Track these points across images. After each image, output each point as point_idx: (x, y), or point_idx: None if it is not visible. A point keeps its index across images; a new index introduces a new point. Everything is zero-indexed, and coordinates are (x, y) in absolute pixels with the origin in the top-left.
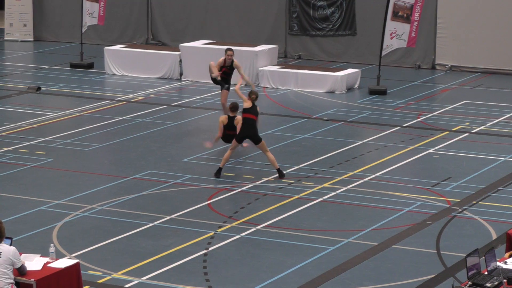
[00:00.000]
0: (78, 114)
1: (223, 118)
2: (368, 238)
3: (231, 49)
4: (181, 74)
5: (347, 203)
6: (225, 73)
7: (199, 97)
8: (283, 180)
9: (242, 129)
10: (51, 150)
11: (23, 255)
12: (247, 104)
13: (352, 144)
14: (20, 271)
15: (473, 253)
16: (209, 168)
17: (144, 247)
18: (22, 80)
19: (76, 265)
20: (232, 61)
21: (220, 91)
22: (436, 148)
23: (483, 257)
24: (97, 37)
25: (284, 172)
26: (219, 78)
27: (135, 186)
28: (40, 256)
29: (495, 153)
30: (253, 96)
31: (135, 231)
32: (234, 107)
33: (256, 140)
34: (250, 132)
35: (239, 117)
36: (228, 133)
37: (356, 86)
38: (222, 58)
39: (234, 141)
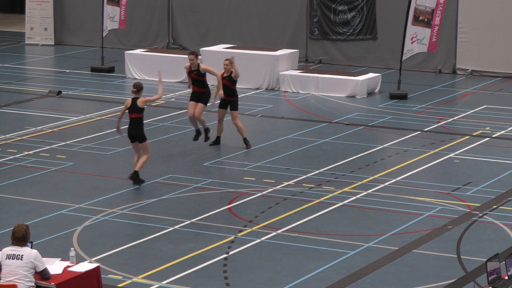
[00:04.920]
0: (99, 118)
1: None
2: (389, 242)
3: (193, 53)
4: None
5: (367, 208)
6: (195, 80)
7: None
8: (304, 184)
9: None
10: (72, 154)
11: (43, 259)
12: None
13: (372, 148)
14: (43, 274)
15: (494, 258)
16: (230, 172)
17: (165, 251)
18: (43, 84)
19: (97, 269)
20: (198, 65)
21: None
22: (456, 152)
23: (504, 262)
24: (118, 41)
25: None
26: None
27: (155, 190)
28: (61, 260)
29: None
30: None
31: (156, 235)
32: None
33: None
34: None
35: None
36: None
37: (376, 90)
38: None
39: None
